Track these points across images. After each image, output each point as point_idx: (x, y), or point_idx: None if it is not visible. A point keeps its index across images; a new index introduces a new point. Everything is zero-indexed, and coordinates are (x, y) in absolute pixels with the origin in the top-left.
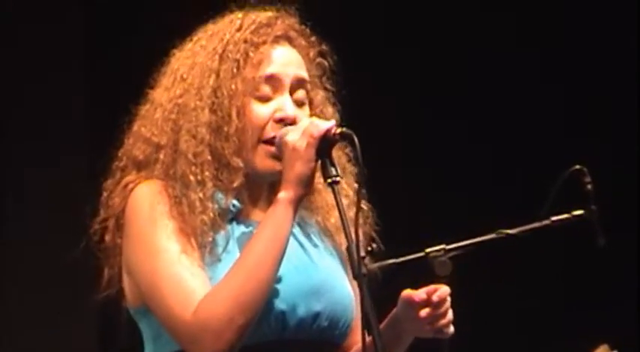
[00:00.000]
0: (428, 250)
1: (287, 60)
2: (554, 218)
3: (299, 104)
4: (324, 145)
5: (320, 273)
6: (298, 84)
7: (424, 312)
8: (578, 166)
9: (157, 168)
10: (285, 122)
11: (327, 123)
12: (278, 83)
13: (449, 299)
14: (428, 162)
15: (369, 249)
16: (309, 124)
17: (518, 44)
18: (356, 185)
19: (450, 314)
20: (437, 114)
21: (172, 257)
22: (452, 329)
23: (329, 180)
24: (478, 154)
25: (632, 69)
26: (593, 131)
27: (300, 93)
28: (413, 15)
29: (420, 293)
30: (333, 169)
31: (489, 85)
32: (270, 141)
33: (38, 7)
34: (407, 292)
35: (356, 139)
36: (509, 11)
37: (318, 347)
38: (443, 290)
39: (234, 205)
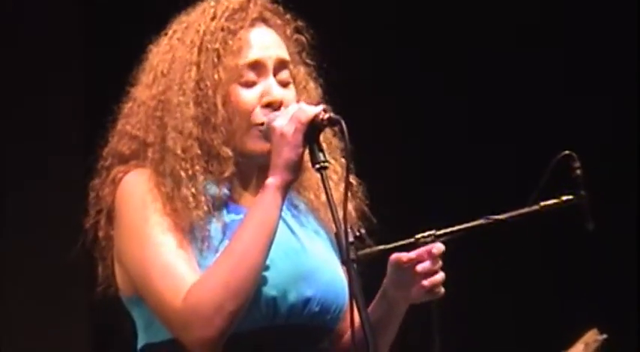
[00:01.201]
0: (418, 236)
1: (267, 42)
2: (543, 203)
3: (284, 84)
4: (312, 131)
5: (311, 259)
6: (281, 65)
7: (421, 267)
8: (567, 151)
9: (146, 164)
10: (273, 106)
11: (315, 109)
12: (261, 67)
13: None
14: (428, 161)
15: (358, 234)
16: (297, 110)
17: (518, 44)
18: (351, 169)
19: (441, 274)
20: (437, 114)
21: (162, 244)
22: (442, 289)
23: (317, 166)
24: (478, 153)
25: (632, 68)
26: (593, 130)
27: (284, 74)
28: (413, 15)
29: (408, 254)
30: (321, 154)
31: (489, 85)
32: (260, 126)
33: (38, 7)
34: (395, 254)
35: (344, 125)
36: (509, 11)
37: (310, 333)
38: (438, 246)
39: (224, 193)
